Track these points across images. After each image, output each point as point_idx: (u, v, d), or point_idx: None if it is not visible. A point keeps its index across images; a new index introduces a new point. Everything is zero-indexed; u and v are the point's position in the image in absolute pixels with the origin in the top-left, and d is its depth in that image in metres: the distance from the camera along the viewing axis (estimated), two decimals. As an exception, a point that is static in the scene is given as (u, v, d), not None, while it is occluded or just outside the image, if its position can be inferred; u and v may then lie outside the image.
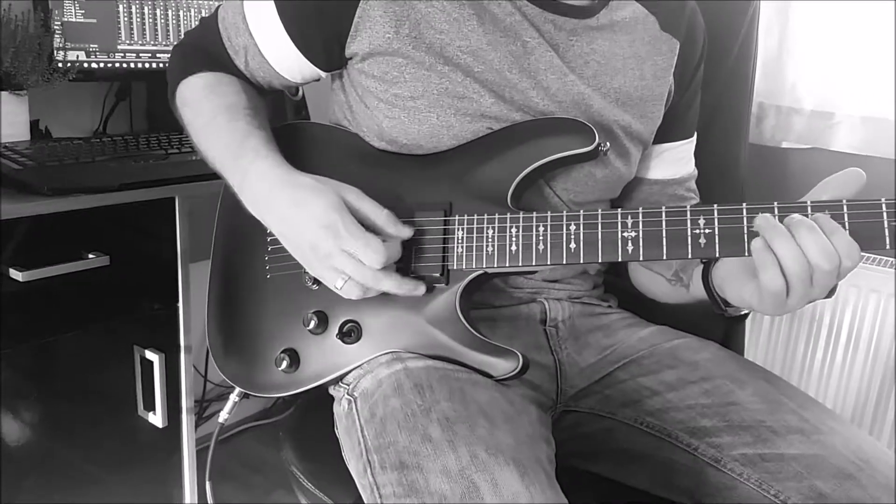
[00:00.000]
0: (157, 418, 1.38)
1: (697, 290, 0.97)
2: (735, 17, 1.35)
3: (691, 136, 1.12)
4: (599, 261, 0.84)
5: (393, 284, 0.86)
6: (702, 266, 0.96)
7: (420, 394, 0.83)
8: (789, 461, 0.85)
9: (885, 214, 0.73)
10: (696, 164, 1.14)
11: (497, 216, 0.89)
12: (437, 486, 0.74)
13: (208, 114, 0.98)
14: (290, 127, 1.06)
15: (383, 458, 0.80)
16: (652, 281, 1.09)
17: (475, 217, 0.90)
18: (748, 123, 1.44)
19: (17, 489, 1.25)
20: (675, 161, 1.10)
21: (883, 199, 0.73)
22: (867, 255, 1.85)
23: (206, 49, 1.04)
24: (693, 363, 0.99)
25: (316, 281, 0.94)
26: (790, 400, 0.92)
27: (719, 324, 1.29)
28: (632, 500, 0.98)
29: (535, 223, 0.87)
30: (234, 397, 1.05)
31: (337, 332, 0.93)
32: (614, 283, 1.17)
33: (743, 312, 0.92)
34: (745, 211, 0.78)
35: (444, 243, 0.91)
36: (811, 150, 1.90)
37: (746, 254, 0.77)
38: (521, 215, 0.88)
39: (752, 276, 0.81)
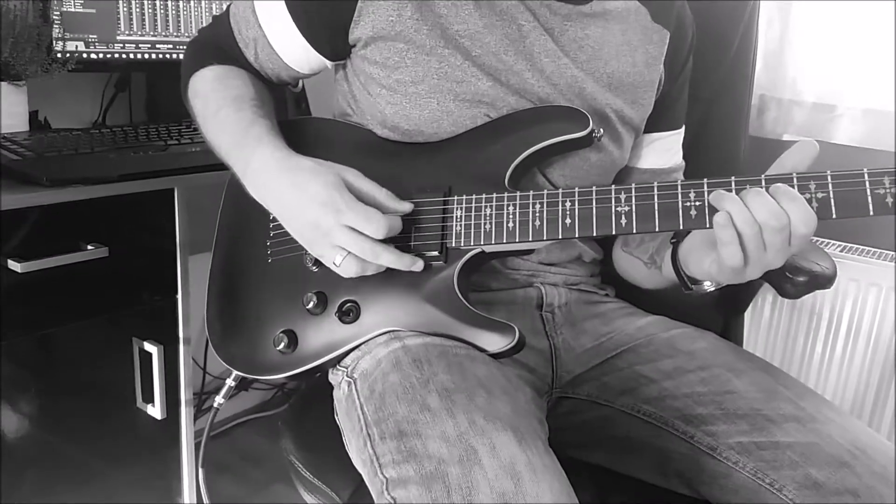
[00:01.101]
0: (155, 410, 1.38)
1: (668, 271, 0.98)
2: (736, 9, 1.35)
3: (679, 127, 1.14)
4: (594, 234, 0.86)
5: (392, 258, 0.88)
6: (671, 248, 0.98)
7: (419, 368, 0.84)
8: (784, 449, 0.85)
9: (867, 183, 0.75)
10: (697, 156, 1.16)
11: (495, 195, 0.90)
12: (436, 449, 0.74)
13: (216, 104, 1.01)
14: (294, 122, 1.08)
15: (382, 429, 0.81)
16: (632, 266, 1.11)
17: (473, 197, 0.91)
18: (748, 116, 1.44)
19: (16, 481, 1.25)
20: (664, 151, 1.12)
21: (865, 169, 0.76)
22: (867, 248, 1.85)
23: (217, 43, 1.07)
24: (690, 352, 0.99)
25: (316, 262, 0.95)
26: (787, 389, 0.92)
27: (718, 316, 1.30)
28: (628, 491, 0.98)
29: (531, 201, 0.88)
30: (229, 382, 1.06)
31: (336, 311, 0.94)
32: (613, 274, 1.17)
33: (708, 290, 0.93)
34: (734, 184, 0.80)
35: (443, 222, 0.92)
36: (812, 143, 1.90)
37: None
38: (517, 194, 0.89)
39: (711, 248, 0.84)
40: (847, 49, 1.81)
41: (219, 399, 1.09)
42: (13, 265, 1.15)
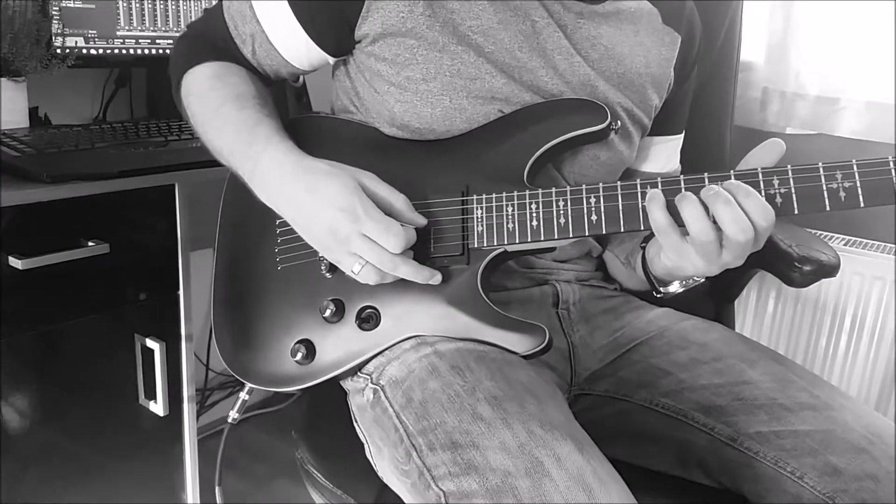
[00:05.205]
0: (158, 407, 1.37)
1: (640, 272, 0.99)
2: (721, 3, 1.38)
3: (680, 132, 1.14)
4: (622, 230, 0.84)
5: (410, 271, 0.85)
6: (641, 250, 0.98)
7: (460, 374, 0.82)
8: (803, 437, 0.85)
9: (893, 171, 0.75)
10: (683, 147, 1.16)
11: (516, 193, 0.88)
12: (499, 462, 0.73)
13: (216, 103, 0.96)
14: (299, 120, 1.04)
15: (431, 439, 0.79)
16: (614, 264, 1.11)
17: (493, 195, 0.89)
18: (734, 108, 1.48)
19: (17, 478, 1.24)
20: (666, 156, 1.12)
21: (890, 157, 0.75)
22: (871, 242, 1.85)
23: (211, 39, 1.03)
24: (703, 343, 0.99)
25: (331, 269, 0.92)
26: (800, 378, 0.93)
27: (710, 304, 1.33)
28: (649, 483, 0.97)
29: (554, 198, 0.87)
30: (243, 395, 1.03)
31: (355, 318, 0.91)
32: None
33: (676, 292, 0.95)
34: (760, 175, 0.79)
35: (463, 223, 0.90)
36: (816, 136, 1.89)
37: None
38: (540, 191, 0.87)
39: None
40: (850, 42, 1.81)
41: (233, 414, 1.06)
42: (14, 262, 1.14)
